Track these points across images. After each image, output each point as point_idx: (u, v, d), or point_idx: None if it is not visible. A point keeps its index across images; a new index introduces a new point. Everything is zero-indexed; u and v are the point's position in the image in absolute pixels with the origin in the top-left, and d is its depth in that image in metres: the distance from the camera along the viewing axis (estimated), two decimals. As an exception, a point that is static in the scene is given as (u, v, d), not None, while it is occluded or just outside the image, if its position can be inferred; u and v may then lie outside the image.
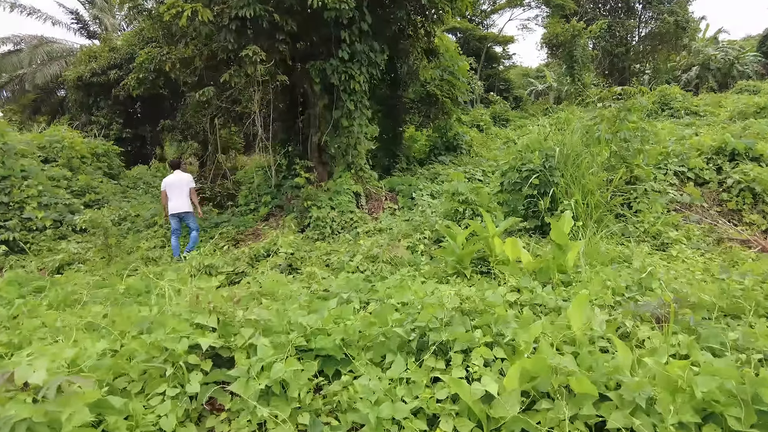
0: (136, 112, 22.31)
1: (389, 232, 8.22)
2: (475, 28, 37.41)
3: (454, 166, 13.45)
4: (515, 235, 7.15)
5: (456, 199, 7.60)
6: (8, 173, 9.97)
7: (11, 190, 9.78)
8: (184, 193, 9.10)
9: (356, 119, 10.24)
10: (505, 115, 27.88)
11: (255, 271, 6.34)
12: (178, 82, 12.65)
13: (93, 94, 21.20)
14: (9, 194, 9.64)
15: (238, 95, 11.05)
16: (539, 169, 7.25)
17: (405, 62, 11.58)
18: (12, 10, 27.27)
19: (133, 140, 22.09)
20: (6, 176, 9.97)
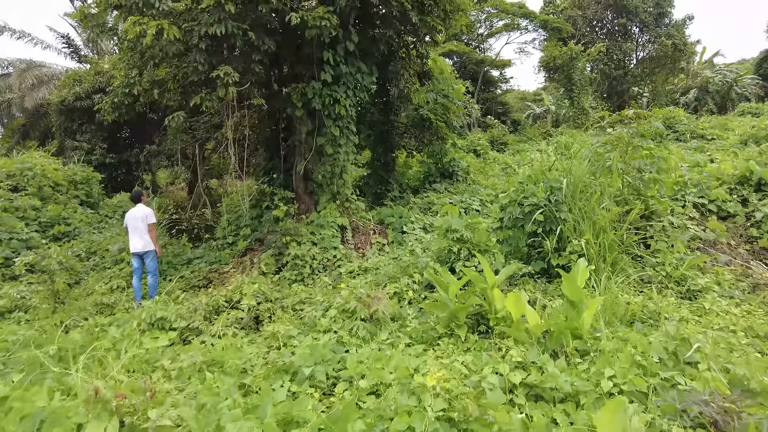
0: (123, 137, 21.53)
1: (375, 273, 7.28)
2: (472, 52, 37.12)
3: (450, 195, 12.57)
4: (518, 279, 6.21)
5: (449, 236, 6.69)
6: (-44, 206, 9.08)
7: (-41, 224, 8.87)
8: (140, 230, 8.23)
9: (342, 146, 9.39)
10: (503, 139, 27.21)
11: (211, 327, 5.37)
12: (161, 106, 11.95)
13: (76, 119, 20.47)
14: (-45, 230, 8.73)
15: (217, 120, 10.26)
16: (543, 204, 6.36)
17: (396, 85, 10.81)
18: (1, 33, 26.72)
19: (118, 166, 21.27)
20: (-45, 209, 9.07)
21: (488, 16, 37.80)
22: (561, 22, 37.15)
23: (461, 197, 12.14)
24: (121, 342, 5.26)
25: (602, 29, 39.93)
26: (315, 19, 7.83)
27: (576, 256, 6.02)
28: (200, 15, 7.77)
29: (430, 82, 13.47)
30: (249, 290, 5.89)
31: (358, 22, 9.86)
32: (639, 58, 40.55)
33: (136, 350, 4.95)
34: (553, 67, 39.18)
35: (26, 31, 26.59)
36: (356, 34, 9.14)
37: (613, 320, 4.66)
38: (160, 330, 5.72)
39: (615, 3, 37.48)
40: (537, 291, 5.82)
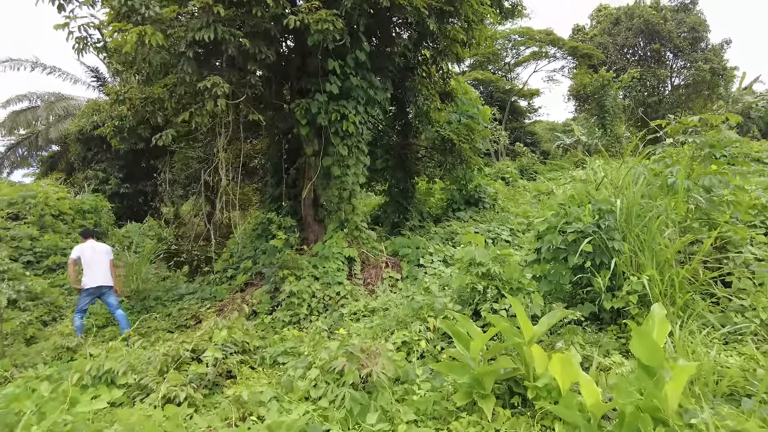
0: (140, 166, 21.09)
1: (383, 316, 6.01)
2: (499, 80, 36.17)
3: (476, 224, 11.27)
4: (561, 326, 4.84)
5: (473, 271, 5.40)
6: (-69, 235, 8.29)
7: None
8: (103, 265, 7.68)
9: (350, 167, 8.30)
10: (533, 168, 25.83)
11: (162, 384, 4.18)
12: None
13: (93, 147, 20.19)
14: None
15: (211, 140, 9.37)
16: (592, 231, 5.04)
17: (414, 102, 9.76)
18: (33, 69, 27.13)
19: (134, 195, 20.78)
20: (-71, 238, 8.29)
21: (515, 44, 37.00)
22: (591, 48, 36.06)
23: (488, 226, 10.82)
24: (48, 403, 4.13)
25: (634, 56, 38.66)
26: (317, 23, 6.87)
27: (635, 297, 4.65)
28: (189, 21, 6.92)
29: (454, 103, 12.40)
30: (218, 337, 4.71)
31: (370, 31, 8.90)
32: (674, 84, 38.99)
33: (60, 416, 3.80)
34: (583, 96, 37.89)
35: (57, 66, 26.95)
36: (367, 43, 8.17)
37: (705, 393, 3.27)
38: (108, 385, 4.58)
39: (647, 29, 36.31)
40: (588, 344, 4.45)
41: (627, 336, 4.71)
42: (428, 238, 10.48)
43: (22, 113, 27.44)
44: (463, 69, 37.99)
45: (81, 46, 7.26)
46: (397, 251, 8.55)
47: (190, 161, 13.93)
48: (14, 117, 27.35)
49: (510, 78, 40.11)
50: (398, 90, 11.11)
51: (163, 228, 17.53)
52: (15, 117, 27.37)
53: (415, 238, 8.84)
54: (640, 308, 4.75)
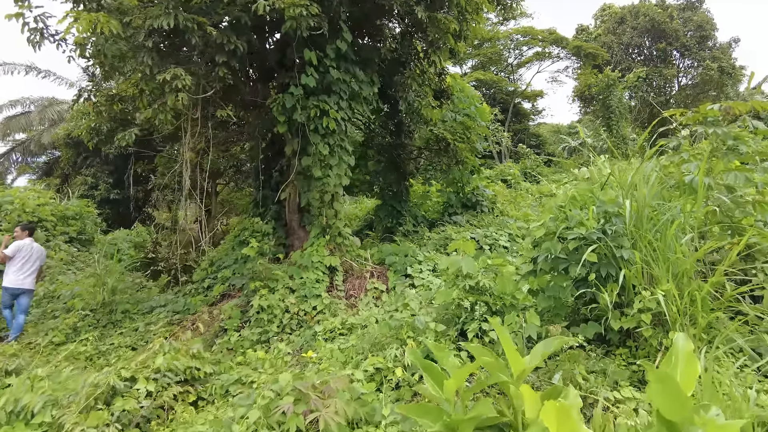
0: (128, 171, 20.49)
1: (361, 335, 5.29)
2: (502, 81, 35.43)
3: (473, 228, 10.53)
4: (562, 354, 4.10)
5: (460, 285, 4.68)
6: None
7: None
8: (34, 267, 7.76)
9: (333, 168, 7.60)
10: (536, 170, 25.05)
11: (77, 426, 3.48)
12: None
13: (82, 152, 19.62)
14: None
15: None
16: (596, 237, 4.30)
17: (404, 98, 9.08)
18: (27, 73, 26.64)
19: (124, 201, 20.20)
20: None
21: (517, 44, 36.27)
22: (595, 48, 35.26)
23: (486, 231, 10.09)
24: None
25: (639, 55, 37.85)
26: (290, 8, 6.19)
27: (648, 315, 3.91)
28: (147, 8, 6.26)
29: (450, 101, 11.70)
30: (158, 363, 4.01)
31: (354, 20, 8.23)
32: (681, 84, 38.12)
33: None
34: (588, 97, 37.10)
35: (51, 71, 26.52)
36: (351, 33, 7.50)
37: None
38: (28, 423, 3.88)
39: (653, 27, 35.51)
40: (593, 373, 3.71)
41: (639, 362, 3.97)
42: (421, 245, 9.76)
43: (16, 118, 27.01)
44: (465, 70, 37.34)
45: (37, 38, 6.63)
46: (384, 259, 7.84)
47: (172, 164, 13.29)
48: (8, 122, 26.92)
49: (513, 79, 39.35)
50: (391, 88, 10.44)
51: (151, 234, 16.90)
52: (8, 122, 26.94)
53: (404, 245, 8.12)
54: (655, 328, 4.02)
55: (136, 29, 6.25)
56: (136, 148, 16.64)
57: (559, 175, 21.70)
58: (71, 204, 15.40)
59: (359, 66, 8.04)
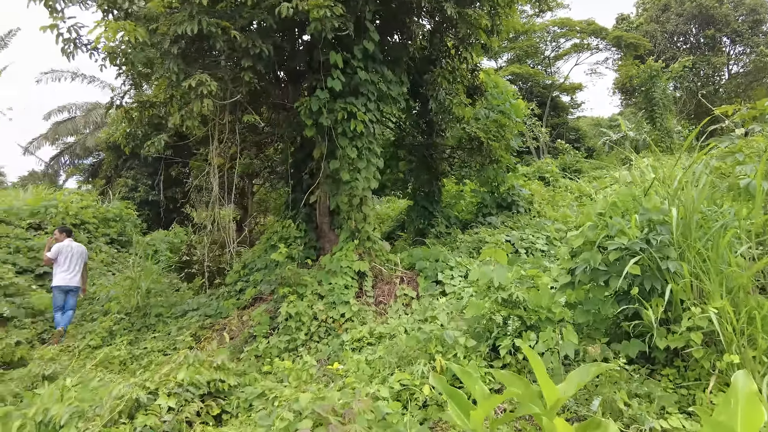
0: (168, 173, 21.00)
1: (389, 345, 5.12)
2: (538, 74, 34.47)
3: (507, 230, 10.19)
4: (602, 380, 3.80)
5: (492, 296, 4.44)
6: (-67, 249, 8.01)
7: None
8: (79, 266, 8.36)
9: (361, 171, 7.45)
10: (576, 165, 24.23)
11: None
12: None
13: (122, 155, 20.19)
14: None
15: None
16: (639, 248, 3.98)
17: (434, 97, 8.83)
18: (73, 79, 27.64)
19: (165, 202, 20.70)
20: (-69, 252, 8.01)
21: (554, 36, 35.23)
22: (637, 37, 33.83)
23: (522, 233, 9.74)
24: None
25: (685, 43, 36.12)
26: (314, 10, 6.06)
27: (699, 335, 3.58)
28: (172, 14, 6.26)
29: (484, 98, 11.36)
30: (180, 377, 3.95)
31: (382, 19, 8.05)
32: (732, 72, 36.15)
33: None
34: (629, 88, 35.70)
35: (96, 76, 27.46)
36: (378, 32, 7.32)
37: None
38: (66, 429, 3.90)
39: (700, 13, 33.74)
40: (636, 397, 3.42)
41: (688, 384, 3.65)
42: (453, 248, 9.51)
43: (63, 123, 28.13)
44: (500, 64, 36.58)
45: (70, 48, 6.75)
46: (415, 264, 7.64)
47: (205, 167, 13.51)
48: (56, 128, 28.08)
49: (550, 72, 38.28)
50: (422, 86, 10.21)
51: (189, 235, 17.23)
52: (56, 128, 28.09)
53: (435, 249, 7.88)
54: (707, 348, 3.69)
55: (162, 36, 6.26)
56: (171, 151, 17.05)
57: (600, 171, 20.92)
58: (112, 206, 15.88)
59: (388, 66, 7.86)
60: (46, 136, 27.82)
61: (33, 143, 28.60)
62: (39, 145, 28.63)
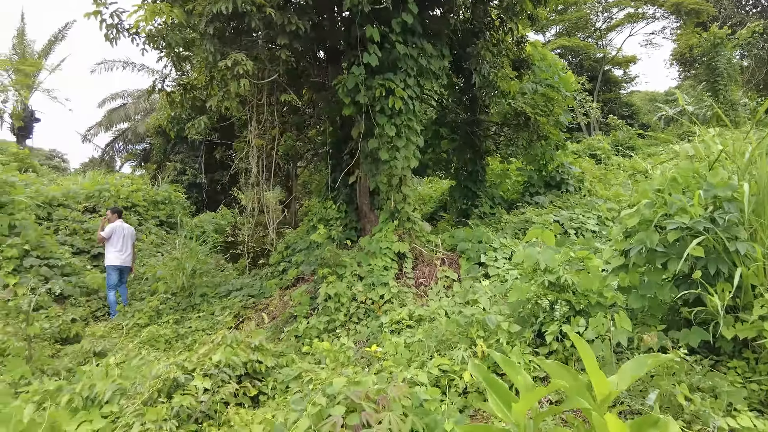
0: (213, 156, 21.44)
1: (428, 328, 4.96)
2: (589, 47, 32.80)
3: (556, 210, 9.75)
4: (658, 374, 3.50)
5: (537, 280, 4.18)
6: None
7: (-9, 250, 8.19)
8: (130, 245, 8.79)
9: (400, 150, 7.24)
10: (629, 142, 23.02)
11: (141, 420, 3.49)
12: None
13: (170, 140, 20.76)
14: (-17, 256, 8.02)
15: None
16: (703, 227, 3.61)
17: (477, 71, 8.43)
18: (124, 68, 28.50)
19: (210, 185, 21.21)
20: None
21: (606, 7, 33.34)
22: (699, 3, 31.49)
23: (571, 213, 9.29)
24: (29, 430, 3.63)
25: (755, 6, 33.34)
26: (351, -19, 5.84)
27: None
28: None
29: (531, 72, 10.82)
30: (215, 359, 3.94)
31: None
32: (809, 36, 33.10)
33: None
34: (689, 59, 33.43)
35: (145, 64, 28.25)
36: (415, 3, 7.00)
37: None
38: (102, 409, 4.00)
39: (773, -27, 30.97)
40: (698, 392, 3.11)
41: (760, 379, 3.30)
42: (498, 229, 9.19)
43: (116, 111, 29.17)
44: (548, 38, 35.07)
45: (113, 33, 6.83)
46: (456, 246, 7.40)
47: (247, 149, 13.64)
48: (109, 115, 29.16)
49: (602, 45, 36.34)
50: (464, 60, 9.81)
51: (235, 217, 17.59)
52: (110, 115, 29.18)
53: (478, 230, 7.60)
54: (781, 338, 3.31)
55: (198, 16, 6.21)
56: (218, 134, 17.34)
57: (655, 148, 19.79)
58: (161, 189, 16.37)
59: (427, 39, 7.55)
60: (101, 123, 28.98)
61: (90, 131, 29.89)
62: (95, 133, 29.89)
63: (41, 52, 28.90)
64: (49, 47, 28.68)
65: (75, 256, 10.19)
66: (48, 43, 28.48)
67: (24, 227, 8.65)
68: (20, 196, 9.51)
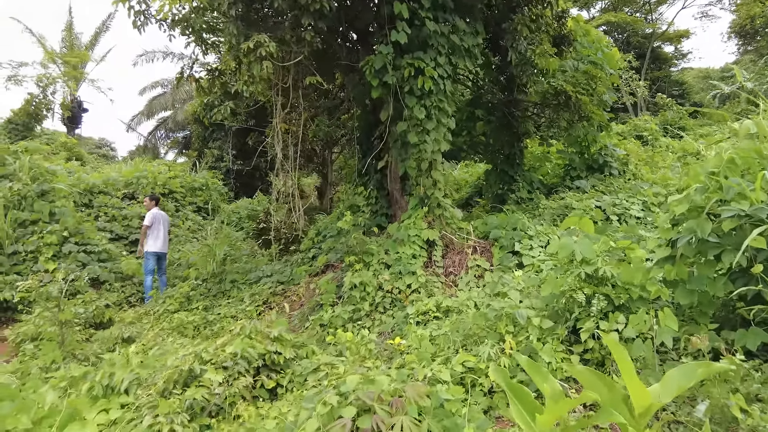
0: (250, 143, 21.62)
1: (456, 321, 4.71)
2: (637, 22, 31.05)
3: (598, 195, 9.21)
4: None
5: (574, 272, 3.84)
6: (36, 217, 8.68)
7: (32, 236, 8.43)
8: (167, 232, 8.93)
9: (430, 133, 6.93)
10: (680, 122, 21.70)
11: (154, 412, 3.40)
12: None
13: (208, 127, 21.02)
14: (24, 242, 8.26)
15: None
16: (766, 215, 3.18)
17: (513, 47, 7.95)
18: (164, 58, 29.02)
19: (248, 171, 21.41)
20: (35, 221, 8.69)
21: (658, -23, 31.40)
22: (762, -30, 29.13)
23: (614, 198, 8.75)
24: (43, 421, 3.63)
25: (826, -28, 30.53)
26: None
27: None
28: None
29: (573, 48, 10.18)
30: (229, 351, 3.81)
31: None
32: None
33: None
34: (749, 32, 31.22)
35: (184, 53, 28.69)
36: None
37: None
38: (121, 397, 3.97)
39: None
40: (757, 406, 2.73)
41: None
42: (535, 215, 8.76)
43: (156, 99, 29.81)
44: (593, 14, 33.44)
45: (140, 20, 6.78)
46: (489, 233, 7.06)
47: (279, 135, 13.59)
48: (150, 103, 29.84)
49: (651, 19, 34.30)
50: (501, 38, 9.32)
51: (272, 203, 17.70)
52: (151, 103, 29.85)
53: (513, 216, 7.22)
54: None
55: (221, 0, 6.06)
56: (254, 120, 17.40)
57: (707, 128, 18.57)
58: (198, 176, 16.63)
59: (460, 15, 7.16)
60: (143, 112, 29.74)
61: (134, 120, 30.73)
62: (139, 122, 30.71)
63: (88, 44, 29.78)
64: (95, 39, 29.50)
65: (113, 242, 10.45)
66: (94, 35, 29.31)
67: (63, 214, 8.87)
68: (61, 183, 9.77)
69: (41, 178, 9.11)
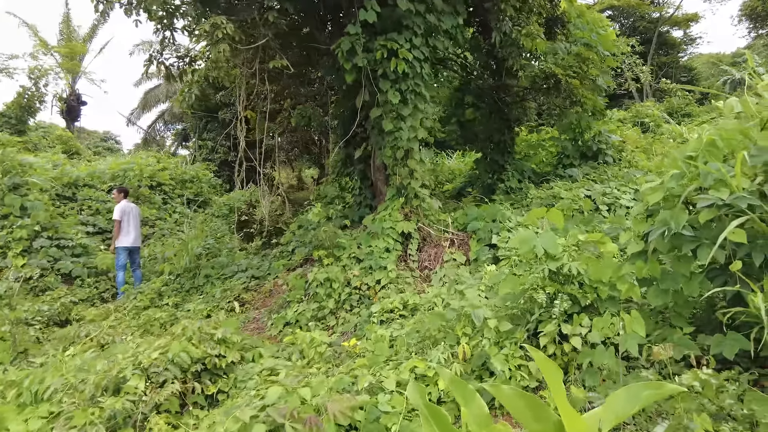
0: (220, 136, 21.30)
1: (420, 320, 4.37)
2: (642, 5, 30.19)
3: (589, 184, 8.79)
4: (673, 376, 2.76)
5: (536, 270, 3.48)
6: (7, 211, 8.41)
7: (2, 231, 8.16)
8: (138, 225, 8.54)
9: (405, 119, 6.54)
10: (685, 109, 21.06)
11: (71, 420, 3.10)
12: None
13: (203, 118, 20.71)
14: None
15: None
16: (747, 205, 2.79)
17: (498, 29, 7.50)
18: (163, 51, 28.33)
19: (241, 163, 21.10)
20: (5, 215, 8.42)
21: (665, -41, 30.46)
22: (774, -51, 28.20)
23: (605, 187, 8.34)
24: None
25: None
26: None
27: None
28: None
29: (566, 31, 9.70)
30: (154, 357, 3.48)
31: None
32: None
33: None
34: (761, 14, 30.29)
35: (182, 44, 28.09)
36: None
37: None
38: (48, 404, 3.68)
39: None
40: (727, 419, 2.37)
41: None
42: (523, 205, 8.37)
43: (152, 91, 29.42)
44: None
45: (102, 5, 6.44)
46: (468, 224, 6.68)
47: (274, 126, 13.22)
48: (146, 96, 29.47)
49: (658, 3, 33.34)
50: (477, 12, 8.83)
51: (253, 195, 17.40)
52: (146, 96, 29.48)
53: (493, 207, 6.84)
54: None
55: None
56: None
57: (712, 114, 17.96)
58: (189, 168, 16.34)
59: (438, -7, 6.73)
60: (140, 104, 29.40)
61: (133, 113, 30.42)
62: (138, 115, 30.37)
63: (86, 36, 29.45)
64: (93, 31, 29.15)
65: (96, 235, 10.22)
66: (92, 27, 28.96)
67: (35, 208, 8.59)
68: (35, 177, 9.49)
69: (13, 171, 8.82)
